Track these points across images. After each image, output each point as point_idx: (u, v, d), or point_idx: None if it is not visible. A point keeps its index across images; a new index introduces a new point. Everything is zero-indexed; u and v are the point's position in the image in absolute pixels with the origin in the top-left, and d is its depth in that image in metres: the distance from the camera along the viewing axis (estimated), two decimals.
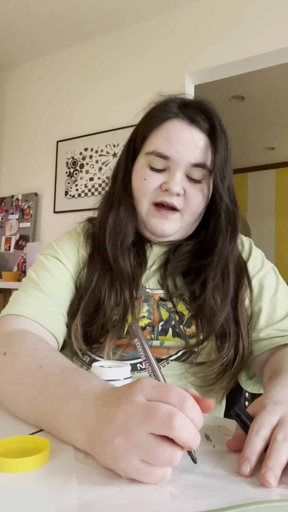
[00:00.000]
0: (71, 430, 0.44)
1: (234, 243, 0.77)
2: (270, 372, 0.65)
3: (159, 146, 0.73)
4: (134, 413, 0.37)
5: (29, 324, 0.68)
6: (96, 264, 0.77)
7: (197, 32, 2.53)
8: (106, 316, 0.73)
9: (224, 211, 0.76)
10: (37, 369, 0.53)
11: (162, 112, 0.74)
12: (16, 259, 3.08)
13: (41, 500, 0.35)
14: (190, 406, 0.38)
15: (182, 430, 0.36)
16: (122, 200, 0.78)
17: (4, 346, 0.61)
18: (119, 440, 0.37)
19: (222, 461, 0.44)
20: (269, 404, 0.46)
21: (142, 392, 0.39)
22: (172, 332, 0.76)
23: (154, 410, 0.36)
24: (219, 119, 0.76)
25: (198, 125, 0.73)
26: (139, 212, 0.78)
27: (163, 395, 0.38)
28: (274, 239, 5.24)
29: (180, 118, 0.73)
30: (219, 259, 0.75)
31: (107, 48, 2.90)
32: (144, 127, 0.77)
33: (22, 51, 3.14)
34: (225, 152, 0.75)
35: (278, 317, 0.76)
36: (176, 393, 0.38)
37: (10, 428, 0.51)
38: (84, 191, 2.89)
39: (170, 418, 0.36)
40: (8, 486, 0.37)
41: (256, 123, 4.14)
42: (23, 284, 0.76)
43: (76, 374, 0.50)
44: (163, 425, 0.36)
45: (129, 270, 0.76)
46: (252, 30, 2.35)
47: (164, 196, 0.74)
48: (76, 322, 0.73)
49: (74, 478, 0.39)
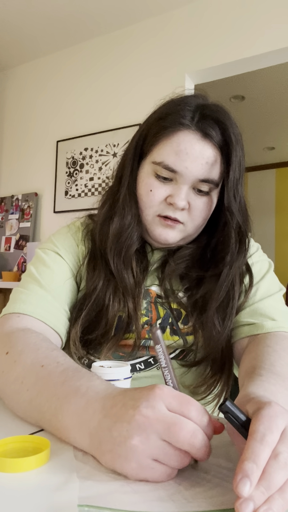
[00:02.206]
0: (71, 429, 0.44)
1: (243, 259, 0.75)
2: (250, 365, 0.62)
3: (168, 159, 0.69)
4: (156, 420, 0.38)
5: (31, 322, 0.68)
6: (99, 270, 0.76)
7: (197, 32, 2.53)
8: (108, 324, 0.73)
9: (234, 229, 0.73)
10: (39, 368, 0.53)
11: (174, 121, 0.69)
12: (16, 259, 3.08)
13: (41, 500, 0.35)
14: (208, 422, 0.40)
15: (201, 448, 0.38)
16: (127, 208, 0.75)
17: (6, 345, 0.61)
18: (136, 441, 0.38)
19: (220, 461, 0.44)
20: (273, 402, 0.39)
21: (163, 400, 0.39)
22: (170, 330, 0.76)
23: (180, 426, 0.38)
24: (234, 129, 0.70)
25: (211, 139, 0.69)
26: (143, 221, 0.76)
27: (185, 408, 0.39)
28: (274, 239, 5.25)
29: (193, 131, 0.69)
30: (225, 279, 0.73)
31: (107, 48, 2.90)
32: (154, 132, 0.72)
33: (22, 51, 3.14)
34: (239, 166, 0.71)
35: (259, 303, 0.75)
36: (197, 408, 0.39)
37: (10, 428, 0.51)
38: (84, 191, 2.89)
39: (194, 437, 0.38)
40: (8, 486, 0.37)
41: (256, 123, 4.14)
42: (23, 280, 0.76)
43: (78, 373, 0.50)
44: (185, 442, 0.37)
45: (132, 281, 0.75)
46: (252, 30, 2.35)
47: (168, 210, 0.72)
48: (76, 328, 0.73)
49: (74, 478, 0.39)
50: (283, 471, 0.34)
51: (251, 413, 0.40)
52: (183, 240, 0.76)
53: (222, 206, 0.73)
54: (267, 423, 0.36)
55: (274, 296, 0.76)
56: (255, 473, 0.33)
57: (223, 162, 0.71)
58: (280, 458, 0.34)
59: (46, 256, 0.78)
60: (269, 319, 0.72)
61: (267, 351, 0.63)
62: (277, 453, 0.34)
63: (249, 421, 0.38)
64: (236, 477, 0.33)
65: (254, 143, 4.68)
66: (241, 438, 0.39)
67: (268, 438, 0.35)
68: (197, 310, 0.75)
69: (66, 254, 0.79)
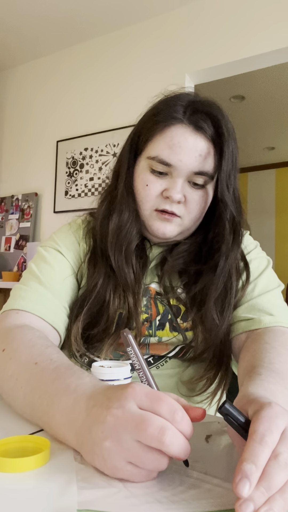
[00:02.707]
0: (61, 426, 0.45)
1: (238, 249, 0.76)
2: (249, 363, 0.61)
3: (162, 153, 0.71)
4: (125, 420, 0.37)
5: (30, 319, 0.69)
6: (99, 266, 0.77)
7: (197, 32, 2.53)
8: (109, 320, 0.74)
9: (228, 220, 0.74)
10: (33, 365, 0.54)
11: (167, 116, 0.71)
12: (16, 259, 3.08)
13: (41, 500, 0.35)
14: (180, 418, 0.38)
15: (172, 445, 0.36)
16: (125, 204, 0.76)
17: (3, 342, 0.62)
18: (109, 443, 0.38)
19: (221, 462, 0.44)
20: (273, 403, 0.39)
21: (134, 398, 0.39)
22: (169, 326, 0.76)
23: (146, 423, 0.36)
24: (227, 123, 0.72)
25: (203, 132, 0.71)
26: (141, 216, 0.77)
27: (155, 405, 0.38)
28: (274, 239, 5.25)
29: (185, 125, 0.70)
30: (222, 270, 0.73)
31: (107, 48, 2.90)
32: (148, 128, 0.75)
33: (22, 51, 3.14)
34: (232, 158, 0.73)
35: (257, 299, 0.75)
36: (168, 404, 0.38)
37: (10, 428, 0.51)
38: (84, 191, 2.89)
39: (161, 433, 0.36)
40: (8, 486, 0.37)
41: (256, 123, 4.14)
42: (24, 277, 0.76)
43: (69, 371, 0.50)
44: (154, 438, 0.36)
45: (132, 277, 0.75)
46: (252, 30, 2.35)
47: (165, 204, 0.73)
48: (78, 324, 0.73)
49: (74, 478, 0.39)
50: (283, 472, 0.33)
51: (251, 414, 0.39)
52: (181, 234, 0.77)
53: (217, 199, 0.75)
54: (267, 424, 0.36)
55: (272, 291, 0.76)
56: (255, 474, 0.32)
57: (216, 154, 0.72)
58: (280, 459, 0.34)
59: (47, 253, 0.78)
60: (267, 314, 0.72)
61: (265, 348, 0.63)
62: (277, 453, 0.34)
63: (249, 422, 0.38)
64: (235, 478, 0.32)
65: (254, 143, 4.68)
66: (242, 439, 0.38)
67: (268, 438, 0.34)
68: (196, 304, 0.75)
69: (67, 252, 0.79)
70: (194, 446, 0.43)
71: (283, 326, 0.71)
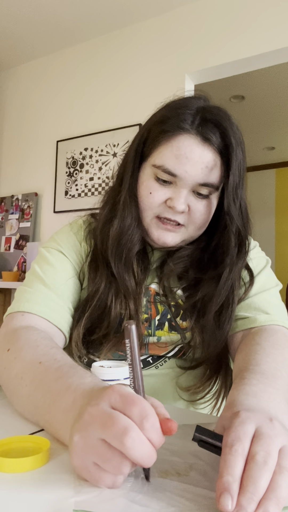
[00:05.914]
0: (60, 425, 0.45)
1: (242, 263, 0.75)
2: (238, 368, 0.62)
3: (168, 162, 0.69)
4: (95, 417, 0.37)
5: (35, 321, 0.69)
6: (101, 271, 0.76)
7: (197, 32, 2.53)
8: (110, 325, 0.74)
9: (234, 233, 0.73)
10: (37, 364, 0.54)
11: (175, 126, 0.69)
12: (16, 259, 3.08)
13: (41, 500, 0.35)
14: (149, 426, 0.36)
15: (133, 448, 0.34)
16: (128, 210, 0.75)
17: (8, 343, 0.63)
18: (77, 438, 0.38)
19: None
20: (241, 411, 0.40)
21: (109, 398, 0.38)
22: (169, 325, 0.76)
23: (112, 421, 0.36)
24: (235, 133, 0.70)
25: (211, 144, 0.69)
26: (143, 222, 0.76)
27: (127, 407, 0.37)
28: (274, 239, 5.25)
29: (193, 135, 0.69)
30: (225, 282, 0.73)
31: (106, 48, 2.90)
32: (154, 135, 0.72)
33: (22, 51, 3.14)
34: (239, 170, 0.71)
35: (253, 298, 0.75)
36: (140, 408, 0.37)
37: (10, 428, 0.51)
38: (84, 191, 2.89)
39: (124, 434, 0.35)
40: (8, 486, 0.37)
41: (256, 123, 4.14)
42: (27, 278, 0.77)
43: (71, 370, 0.51)
44: (116, 438, 0.35)
45: (133, 283, 0.75)
46: (252, 30, 2.35)
47: (168, 212, 0.72)
48: (79, 329, 0.73)
49: (73, 480, 0.39)
50: (264, 470, 0.33)
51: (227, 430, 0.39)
52: (183, 241, 0.77)
53: (222, 209, 0.73)
54: (233, 433, 0.36)
55: (269, 291, 0.76)
56: (233, 485, 0.33)
57: (223, 164, 0.71)
58: (257, 458, 0.34)
59: (49, 254, 0.78)
60: (262, 313, 0.73)
61: (255, 349, 0.63)
62: (253, 454, 0.35)
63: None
64: (217, 494, 0.33)
65: (254, 143, 4.68)
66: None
67: (237, 446, 0.35)
68: (195, 313, 0.75)
69: (69, 253, 0.79)
70: (196, 449, 0.42)
71: (278, 325, 0.71)
